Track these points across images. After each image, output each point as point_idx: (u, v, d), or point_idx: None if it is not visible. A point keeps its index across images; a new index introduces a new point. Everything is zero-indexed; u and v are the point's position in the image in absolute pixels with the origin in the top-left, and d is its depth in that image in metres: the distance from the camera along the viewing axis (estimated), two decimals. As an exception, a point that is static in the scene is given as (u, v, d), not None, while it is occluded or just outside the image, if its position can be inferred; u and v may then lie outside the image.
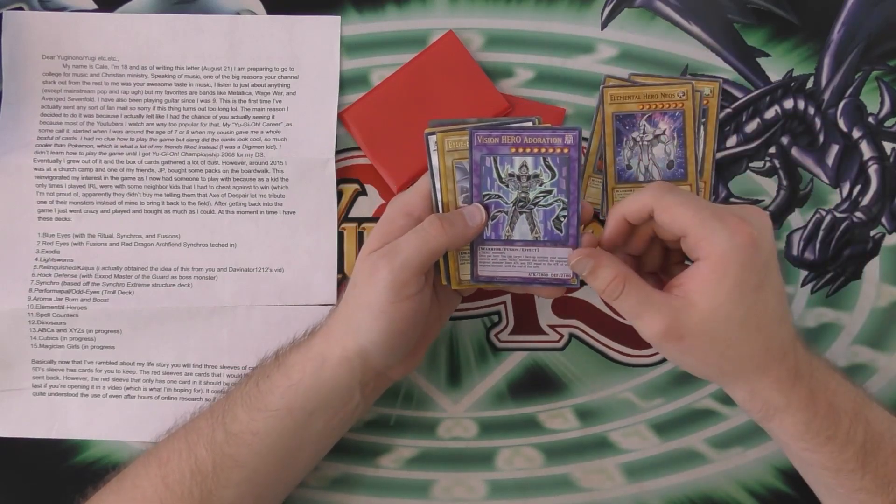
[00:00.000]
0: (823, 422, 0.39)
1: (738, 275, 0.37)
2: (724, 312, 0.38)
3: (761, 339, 0.39)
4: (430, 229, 0.40)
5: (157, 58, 0.53)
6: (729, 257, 0.37)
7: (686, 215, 0.38)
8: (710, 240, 0.38)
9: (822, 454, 0.39)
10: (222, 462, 0.41)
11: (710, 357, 0.39)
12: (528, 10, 0.52)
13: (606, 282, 0.39)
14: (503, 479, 0.50)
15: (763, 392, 0.39)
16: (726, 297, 0.38)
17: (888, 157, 0.52)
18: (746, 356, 0.39)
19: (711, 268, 0.38)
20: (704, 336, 0.38)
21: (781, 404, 0.39)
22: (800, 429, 0.39)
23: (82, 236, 0.51)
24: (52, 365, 0.51)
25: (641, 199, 0.40)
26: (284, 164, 0.51)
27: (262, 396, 0.42)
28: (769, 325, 0.39)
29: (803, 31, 0.52)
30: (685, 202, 0.38)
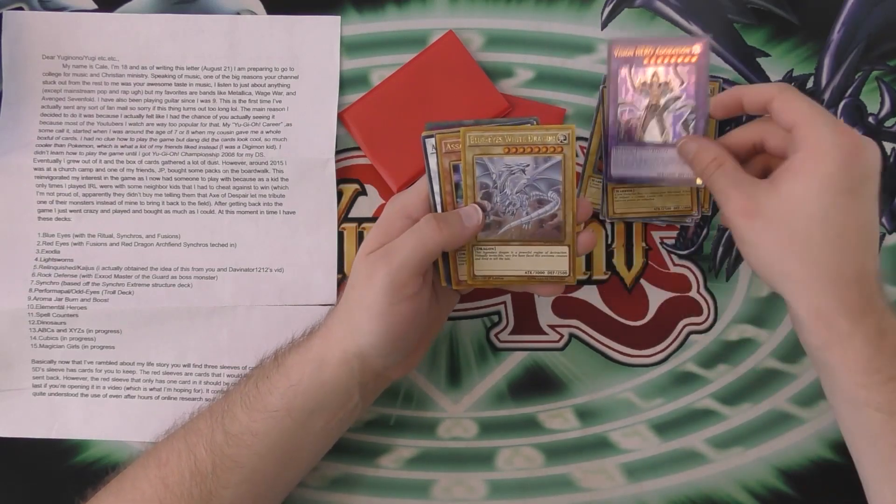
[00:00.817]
0: (889, 360, 0.37)
1: (832, 171, 0.37)
2: (806, 204, 0.37)
3: (840, 249, 0.37)
4: (426, 229, 0.40)
5: (157, 58, 0.53)
6: (827, 152, 0.37)
7: (802, 107, 0.39)
8: (816, 132, 0.38)
9: (881, 394, 0.37)
10: (222, 463, 0.41)
11: (782, 248, 0.38)
12: (528, 10, 0.52)
13: (706, 161, 0.41)
14: (503, 479, 0.50)
15: (829, 313, 0.37)
16: (813, 189, 0.37)
17: (888, 157, 0.52)
18: (821, 261, 0.37)
19: (807, 157, 0.38)
20: (780, 221, 0.38)
21: (847, 331, 0.37)
22: (861, 363, 0.37)
23: (82, 236, 0.51)
24: (52, 365, 0.51)
25: (764, 87, 0.41)
26: (284, 164, 0.51)
27: (262, 397, 0.42)
28: (852, 238, 0.37)
29: (803, 31, 0.52)
30: (804, 98, 0.39)
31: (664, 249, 0.51)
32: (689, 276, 0.51)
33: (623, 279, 0.51)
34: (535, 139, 0.40)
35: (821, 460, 0.50)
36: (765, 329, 0.51)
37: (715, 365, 0.51)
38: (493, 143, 0.40)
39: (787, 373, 0.50)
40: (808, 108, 0.39)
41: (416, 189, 0.43)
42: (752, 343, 0.51)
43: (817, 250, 0.37)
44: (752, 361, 0.51)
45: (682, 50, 0.44)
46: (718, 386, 0.51)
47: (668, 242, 0.51)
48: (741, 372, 0.51)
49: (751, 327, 0.51)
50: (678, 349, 0.51)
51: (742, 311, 0.51)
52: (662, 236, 0.51)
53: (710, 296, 0.51)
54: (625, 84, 0.45)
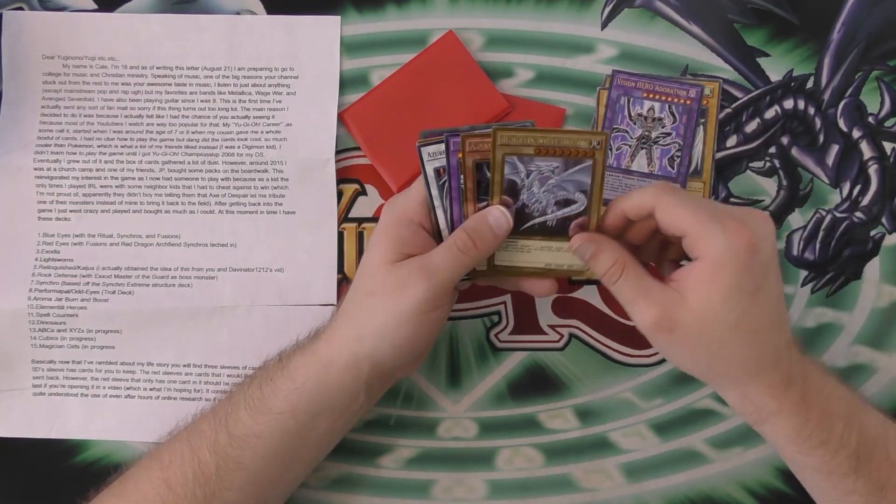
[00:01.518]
0: (816, 426, 0.39)
1: (733, 279, 0.37)
2: (716, 314, 0.38)
3: (754, 344, 0.39)
4: (463, 248, 0.41)
5: (157, 58, 0.53)
6: (724, 261, 0.37)
7: (685, 216, 0.38)
8: (707, 242, 0.38)
9: (815, 458, 0.39)
10: (225, 464, 0.41)
11: (700, 356, 0.39)
12: (528, 10, 0.52)
13: (606, 266, 0.40)
14: (503, 479, 0.50)
15: (754, 396, 0.39)
16: (719, 299, 0.38)
17: (888, 157, 0.52)
18: (737, 360, 0.39)
19: (707, 269, 0.38)
20: (695, 334, 0.38)
21: (773, 408, 0.39)
22: (791, 433, 0.39)
23: (82, 236, 0.51)
24: (52, 365, 0.51)
25: (642, 198, 0.40)
26: (284, 164, 0.51)
27: (266, 399, 0.42)
28: (763, 331, 0.39)
29: (803, 31, 0.52)
30: (685, 203, 0.38)
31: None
32: (689, 276, 0.51)
33: (623, 279, 0.51)
34: (567, 143, 0.40)
35: (821, 460, 0.50)
36: (765, 329, 0.51)
37: (715, 365, 0.51)
38: (524, 143, 0.40)
39: (787, 373, 0.50)
40: (692, 215, 0.38)
41: (413, 193, 0.43)
42: (752, 343, 0.51)
43: (735, 351, 0.39)
44: (752, 361, 0.51)
45: (679, 92, 0.47)
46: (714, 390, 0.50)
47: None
48: (741, 372, 0.51)
49: (751, 327, 0.51)
50: (678, 349, 0.51)
51: (742, 311, 0.51)
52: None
53: (710, 296, 0.51)
54: (622, 112, 0.47)
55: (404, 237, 0.42)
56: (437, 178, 0.42)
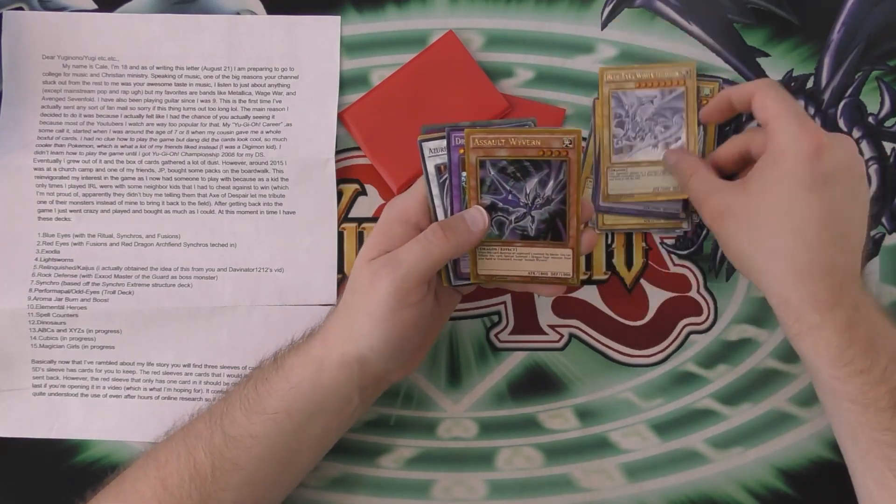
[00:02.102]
0: (859, 353, 0.38)
1: (791, 167, 0.39)
2: (768, 199, 0.39)
3: (805, 244, 0.38)
4: (432, 239, 0.40)
5: (157, 58, 0.53)
6: (787, 148, 0.39)
7: (774, 106, 0.40)
8: (780, 130, 0.39)
9: (853, 385, 0.38)
10: (221, 465, 0.41)
11: (751, 243, 0.40)
12: (528, 10, 0.52)
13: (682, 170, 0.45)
14: (503, 479, 0.50)
15: (799, 305, 0.39)
16: (774, 185, 0.39)
17: (888, 157, 0.52)
18: (786, 255, 0.39)
19: (769, 155, 0.40)
20: (747, 218, 0.40)
21: (816, 323, 0.38)
22: (832, 353, 0.38)
23: (82, 236, 0.51)
24: (52, 365, 0.51)
25: (748, 84, 0.43)
26: (284, 164, 0.51)
27: (261, 399, 0.42)
28: (817, 234, 0.38)
29: (803, 31, 0.52)
30: (781, 97, 0.41)
31: (664, 249, 0.51)
32: (688, 276, 0.51)
33: (623, 279, 0.51)
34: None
35: (821, 460, 0.50)
36: (765, 329, 0.51)
37: (715, 365, 0.51)
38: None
39: (787, 373, 0.50)
40: (778, 106, 0.40)
41: (413, 193, 0.43)
42: (752, 343, 0.51)
43: (782, 244, 0.39)
44: (752, 361, 0.51)
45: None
46: (718, 386, 0.51)
47: (668, 242, 0.51)
48: (741, 372, 0.51)
49: (751, 327, 0.51)
50: (678, 349, 0.51)
51: (742, 311, 0.51)
52: (662, 236, 0.51)
53: (710, 296, 0.51)
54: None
55: (394, 235, 0.41)
56: (437, 174, 0.42)
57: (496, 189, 0.41)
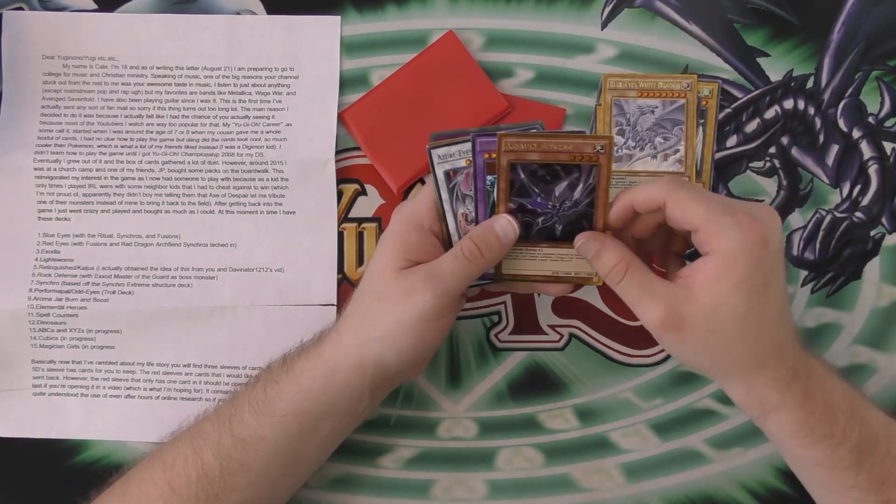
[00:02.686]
0: (819, 420, 0.39)
1: (745, 273, 0.37)
2: (725, 308, 0.38)
3: (761, 338, 0.39)
4: (470, 257, 0.41)
5: (157, 58, 0.53)
6: (738, 254, 0.37)
7: (697, 211, 0.38)
8: (720, 236, 0.38)
9: (817, 451, 0.39)
10: (229, 466, 0.41)
11: (708, 351, 0.39)
12: (528, 10, 0.52)
13: (609, 266, 0.40)
14: (503, 479, 0.50)
15: (759, 390, 0.39)
16: (730, 294, 0.38)
17: (888, 157, 0.52)
18: (744, 354, 0.39)
19: (719, 263, 0.38)
20: (703, 329, 0.38)
21: (777, 402, 0.39)
22: (795, 427, 0.39)
23: (82, 236, 0.51)
24: (52, 365, 0.51)
25: (652, 191, 0.39)
26: (284, 164, 0.51)
27: (270, 401, 0.42)
28: (770, 325, 0.39)
29: (803, 31, 0.52)
30: (696, 197, 0.38)
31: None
32: (689, 276, 0.51)
33: (623, 279, 0.51)
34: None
35: (821, 460, 0.50)
36: (765, 329, 0.51)
37: (715, 365, 0.51)
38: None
39: (787, 373, 0.50)
40: (704, 209, 0.38)
41: (422, 198, 0.43)
42: (752, 343, 0.51)
43: (742, 345, 0.39)
44: (752, 361, 0.51)
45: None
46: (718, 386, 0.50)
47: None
48: (741, 372, 0.51)
49: (751, 327, 0.51)
50: (678, 349, 0.51)
51: (742, 311, 0.51)
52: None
53: (710, 296, 0.51)
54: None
55: (413, 243, 0.42)
56: (447, 181, 0.42)
57: (525, 192, 0.41)
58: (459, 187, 0.42)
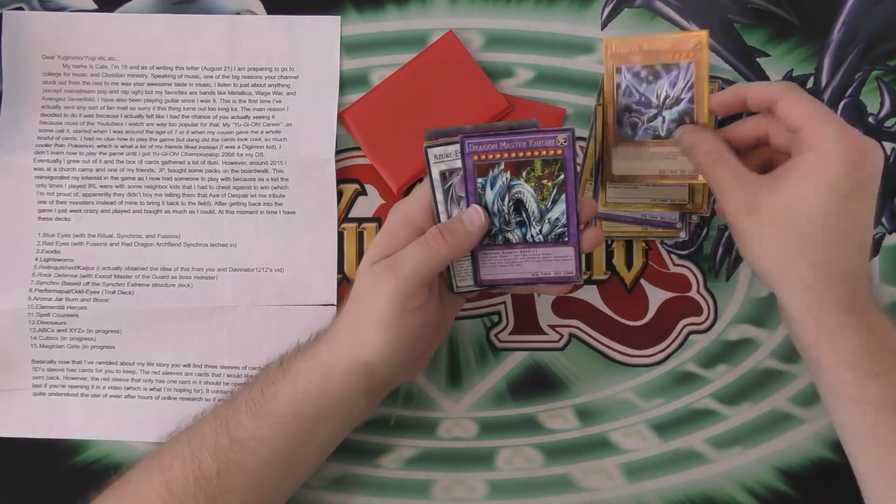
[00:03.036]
0: (874, 356, 0.38)
1: (835, 175, 0.37)
2: (807, 204, 0.37)
3: (835, 251, 0.38)
4: (431, 241, 0.40)
5: (157, 58, 0.53)
6: (833, 155, 0.37)
7: (809, 109, 0.39)
8: (823, 134, 0.38)
9: (872, 388, 0.38)
10: (227, 468, 0.41)
11: (779, 246, 0.38)
12: (528, 10, 0.52)
13: (703, 154, 0.41)
14: (503, 479, 0.50)
15: (818, 310, 0.38)
16: (814, 191, 0.37)
17: (888, 157, 0.52)
18: (816, 261, 0.38)
19: (812, 158, 0.38)
20: (781, 220, 0.38)
21: (834, 327, 0.38)
22: (849, 357, 0.38)
23: (82, 236, 0.51)
24: (52, 365, 0.51)
25: (769, 87, 0.40)
26: (284, 164, 0.51)
27: (268, 403, 0.42)
28: (847, 242, 0.38)
29: (803, 31, 0.52)
30: (811, 100, 0.39)
31: (664, 249, 0.51)
32: (689, 276, 0.51)
33: (623, 279, 0.51)
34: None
35: (821, 460, 0.50)
36: (765, 329, 0.51)
37: (715, 365, 0.51)
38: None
39: (787, 373, 0.50)
40: (816, 111, 0.39)
41: (416, 197, 0.42)
42: (752, 343, 0.51)
43: (813, 251, 0.38)
44: (752, 361, 0.51)
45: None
46: (718, 386, 0.51)
47: (669, 242, 0.51)
48: (741, 372, 0.51)
49: (751, 327, 0.51)
50: (678, 349, 0.51)
51: (742, 311, 0.51)
52: (662, 236, 0.51)
53: (710, 296, 0.51)
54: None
55: (398, 239, 0.41)
56: (442, 181, 0.42)
57: (630, 93, 0.43)
58: (455, 188, 0.42)
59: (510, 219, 0.42)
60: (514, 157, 0.41)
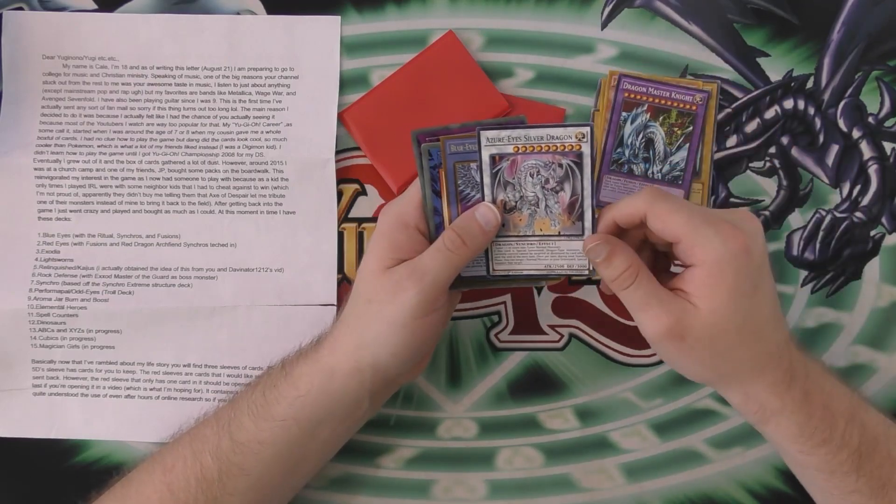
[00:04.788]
0: (819, 424, 0.39)
1: (734, 280, 0.38)
2: (723, 316, 0.38)
3: (757, 343, 0.39)
4: (452, 248, 0.40)
5: (157, 58, 0.53)
6: (724, 263, 0.37)
7: (679, 222, 0.38)
8: (703, 246, 0.38)
9: (817, 457, 0.39)
10: (228, 470, 0.41)
11: (708, 360, 0.39)
12: (528, 10, 0.52)
13: (619, 270, 0.39)
14: (503, 479, 0.50)
15: (758, 395, 0.39)
16: (724, 302, 0.38)
17: (888, 157, 0.52)
18: (743, 359, 0.39)
19: (707, 272, 0.38)
20: (705, 339, 0.38)
21: (776, 407, 0.39)
22: (794, 431, 0.39)
23: (82, 236, 0.51)
24: (52, 365, 0.51)
25: (633, 205, 0.39)
26: (284, 164, 0.51)
27: (269, 406, 0.42)
28: (764, 329, 0.39)
29: (803, 31, 0.52)
30: (677, 209, 0.38)
31: (664, 249, 0.51)
32: (689, 276, 0.51)
33: (623, 279, 0.51)
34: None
35: (821, 460, 0.50)
36: (765, 329, 0.51)
37: (715, 365, 0.51)
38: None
39: (787, 373, 0.50)
40: (685, 221, 0.38)
41: (408, 197, 0.43)
42: (752, 343, 0.51)
43: (741, 351, 0.39)
44: (752, 361, 0.51)
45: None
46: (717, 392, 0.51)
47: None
48: (741, 372, 0.51)
49: (751, 327, 0.51)
50: (678, 349, 0.51)
51: (742, 311, 0.51)
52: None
53: (710, 296, 0.51)
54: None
55: (400, 242, 0.41)
56: (491, 164, 0.41)
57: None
58: (503, 173, 0.42)
59: (639, 153, 0.45)
60: (658, 102, 0.45)
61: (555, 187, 0.41)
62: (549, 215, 0.42)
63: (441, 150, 0.41)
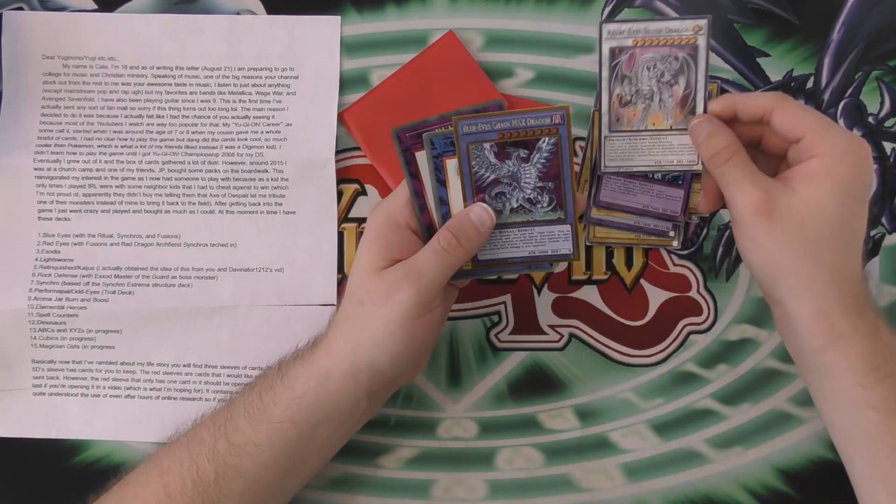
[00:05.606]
0: (884, 357, 0.38)
1: (848, 176, 0.38)
2: (822, 207, 0.38)
3: (846, 252, 0.38)
4: (448, 248, 0.41)
5: (157, 58, 0.53)
6: (845, 156, 0.38)
7: (808, 118, 0.39)
8: (829, 140, 0.38)
9: (879, 392, 0.38)
10: (224, 472, 0.41)
11: (793, 246, 0.38)
12: (528, 10, 0.52)
13: (718, 147, 0.40)
14: (503, 479, 0.50)
15: (831, 313, 0.38)
16: (830, 193, 0.38)
17: (888, 157, 0.52)
18: (828, 262, 0.38)
19: (824, 162, 0.38)
20: (796, 220, 0.38)
21: (847, 330, 0.38)
22: (859, 361, 0.38)
23: (82, 236, 0.51)
24: (52, 365, 0.51)
25: (761, 99, 0.40)
26: (284, 164, 0.51)
27: (265, 408, 0.42)
28: (853, 243, 0.39)
29: (803, 31, 0.52)
30: (807, 108, 0.40)
31: (664, 249, 0.51)
32: (689, 276, 0.51)
33: (623, 279, 0.51)
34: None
35: (821, 460, 0.50)
36: (765, 329, 0.51)
37: (715, 365, 0.51)
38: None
39: (787, 373, 0.50)
40: (815, 118, 0.39)
41: (397, 196, 0.43)
42: (752, 343, 0.51)
43: (827, 252, 0.38)
44: (752, 361, 0.51)
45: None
46: (718, 386, 0.51)
47: (668, 242, 0.51)
48: (741, 372, 0.51)
49: (751, 327, 0.51)
50: (678, 349, 0.51)
51: (742, 311, 0.51)
52: (662, 237, 0.51)
53: (710, 296, 0.51)
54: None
55: (392, 242, 0.41)
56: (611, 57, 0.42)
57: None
58: (622, 66, 0.43)
59: None
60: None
61: (670, 80, 0.42)
62: (662, 108, 0.42)
63: (454, 131, 0.41)
